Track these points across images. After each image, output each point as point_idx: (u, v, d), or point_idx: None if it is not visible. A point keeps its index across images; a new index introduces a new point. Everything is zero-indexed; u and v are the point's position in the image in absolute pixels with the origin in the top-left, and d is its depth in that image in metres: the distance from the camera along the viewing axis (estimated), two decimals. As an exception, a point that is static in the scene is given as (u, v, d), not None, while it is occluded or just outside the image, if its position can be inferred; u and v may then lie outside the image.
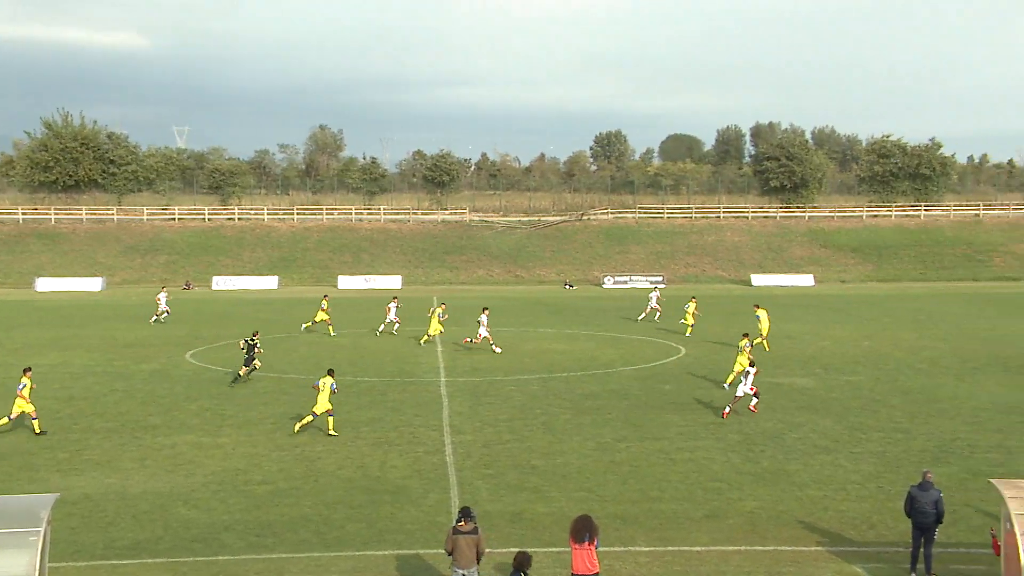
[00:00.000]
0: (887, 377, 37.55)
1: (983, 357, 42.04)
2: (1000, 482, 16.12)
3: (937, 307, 63.33)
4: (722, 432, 28.71)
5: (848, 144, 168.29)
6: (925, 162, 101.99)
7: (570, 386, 36.02)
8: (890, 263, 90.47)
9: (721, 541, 19.55)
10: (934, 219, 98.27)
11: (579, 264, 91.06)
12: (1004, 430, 28.58)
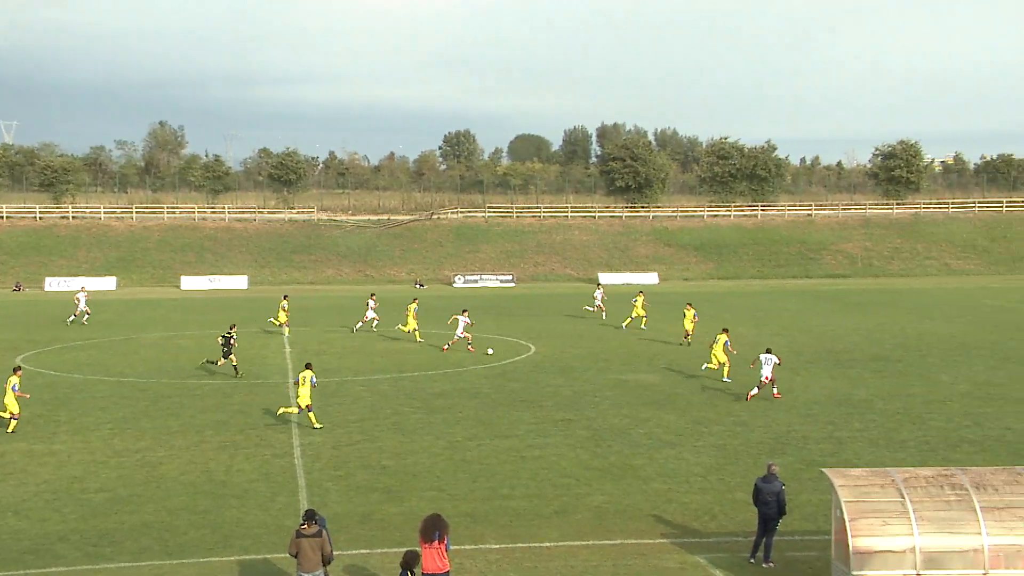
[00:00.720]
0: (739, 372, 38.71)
1: (816, 351, 43.92)
2: (831, 471, 16.87)
3: (773, 303, 65.83)
4: (571, 429, 29.14)
5: (689, 145, 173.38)
6: (761, 164, 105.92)
7: (421, 385, 35.94)
8: (730, 261, 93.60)
9: (570, 536, 19.84)
10: (770, 219, 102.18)
11: (429, 263, 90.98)
12: (835, 422, 29.94)
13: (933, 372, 38.23)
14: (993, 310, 60.26)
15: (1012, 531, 15.33)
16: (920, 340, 46.79)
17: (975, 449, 26.37)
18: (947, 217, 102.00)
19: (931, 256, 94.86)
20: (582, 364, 40.78)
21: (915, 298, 68.79)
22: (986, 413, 30.78)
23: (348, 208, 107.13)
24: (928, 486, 15.93)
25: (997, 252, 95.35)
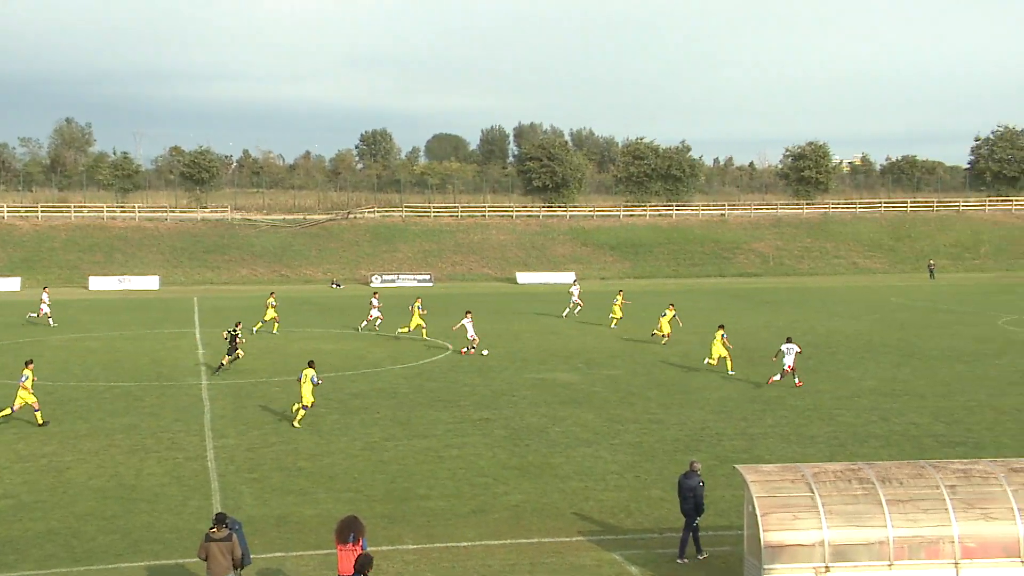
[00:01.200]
0: (643, 370, 39.24)
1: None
2: (744, 468, 17.15)
3: (688, 302, 66.69)
4: (489, 428, 29.17)
5: (606, 146, 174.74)
6: (676, 164, 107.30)
7: (338, 386, 35.63)
8: (645, 260, 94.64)
9: (487, 535, 19.86)
10: (684, 218, 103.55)
11: (346, 263, 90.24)
12: (748, 418, 30.47)
13: (842, 369, 39.13)
14: (898, 308, 61.92)
15: (916, 523, 15.77)
16: (829, 338, 47.87)
17: (881, 443, 27.06)
18: (855, 217, 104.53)
19: (839, 255, 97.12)
20: (500, 363, 40.86)
21: (824, 296, 70.34)
22: (892, 408, 31.61)
23: (263, 207, 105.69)
24: (836, 480, 16.29)
25: (902, 251, 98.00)
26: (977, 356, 41.49)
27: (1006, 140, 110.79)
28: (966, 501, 15.91)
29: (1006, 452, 25.20)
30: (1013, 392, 33.92)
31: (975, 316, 55.82)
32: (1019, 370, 38.19)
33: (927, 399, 33.02)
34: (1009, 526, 15.77)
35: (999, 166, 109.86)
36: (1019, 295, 69.28)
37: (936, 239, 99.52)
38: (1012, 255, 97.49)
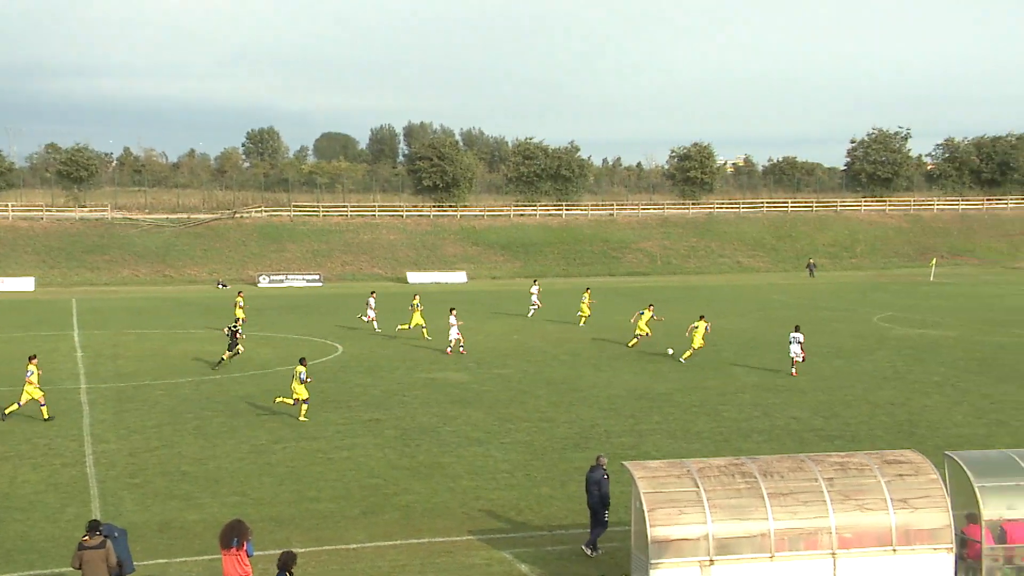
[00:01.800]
0: (534, 369, 39.50)
1: (619, 347, 45.23)
2: (631, 464, 17.40)
3: (578, 301, 67.29)
4: (379, 428, 28.99)
5: (496, 145, 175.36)
6: (565, 164, 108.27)
7: (224, 388, 34.95)
8: (536, 260, 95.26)
9: (377, 536, 19.73)
10: (574, 218, 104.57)
11: (233, 263, 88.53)
12: (636, 415, 30.94)
13: (727, 365, 40.02)
14: (780, 305, 63.61)
15: (795, 515, 16.23)
16: (715, 335, 48.83)
17: (764, 438, 27.78)
18: (738, 217, 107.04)
19: (724, 254, 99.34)
20: (391, 364, 40.64)
21: (710, 294, 71.84)
22: (774, 404, 32.48)
23: (145, 206, 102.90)
24: (720, 475, 16.64)
25: (783, 250, 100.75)
26: (854, 352, 42.91)
27: (880, 143, 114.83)
28: (843, 493, 16.44)
29: (880, 444, 26.13)
30: (887, 387, 35.19)
31: (852, 313, 57.72)
32: (892, 365, 39.64)
33: (807, 394, 34.02)
34: (882, 516, 16.35)
35: (873, 168, 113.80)
36: (892, 293, 71.91)
37: (815, 238, 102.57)
38: (886, 254, 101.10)
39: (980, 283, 79.10)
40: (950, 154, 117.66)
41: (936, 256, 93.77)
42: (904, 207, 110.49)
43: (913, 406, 31.85)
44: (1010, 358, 40.85)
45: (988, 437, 27.43)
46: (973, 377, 36.77)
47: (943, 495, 16.60)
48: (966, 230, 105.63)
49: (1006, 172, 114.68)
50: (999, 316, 52.77)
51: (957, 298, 66.30)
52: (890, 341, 46.33)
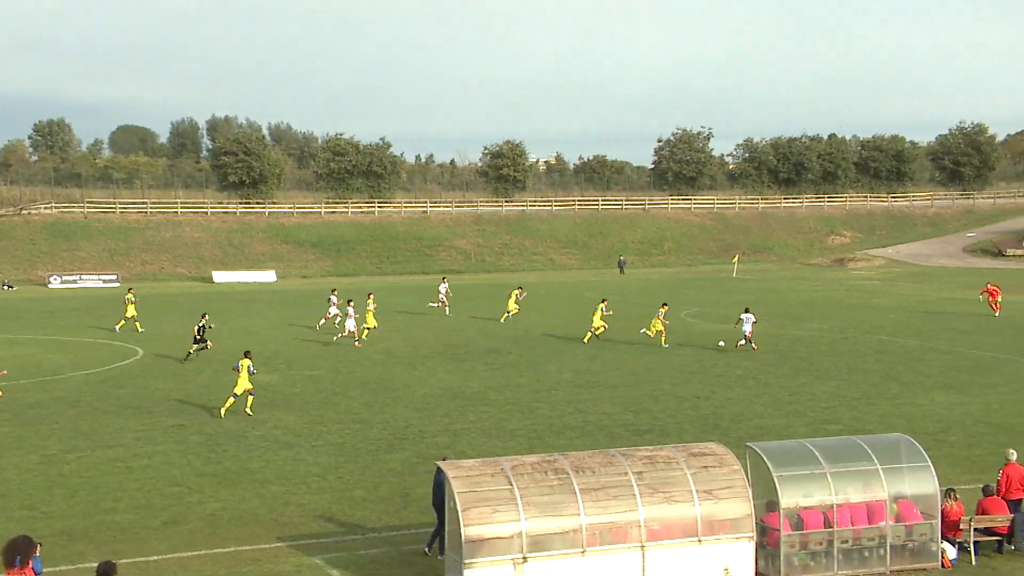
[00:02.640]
0: (346, 369, 39.08)
1: (433, 346, 45.32)
2: (444, 463, 17.44)
3: (392, 299, 67.05)
4: (183, 434, 28.04)
5: (305, 141, 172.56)
6: (377, 161, 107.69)
7: (11, 395, 33.01)
8: (348, 258, 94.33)
9: (180, 547, 19.07)
10: (387, 215, 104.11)
11: (19, 263, 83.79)
12: (451, 415, 31.05)
13: (540, 362, 40.69)
14: (592, 302, 65.10)
15: (606, 510, 16.65)
16: (529, 332, 49.67)
17: (576, 434, 28.38)
18: (551, 215, 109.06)
19: (537, 252, 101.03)
20: (196, 367, 39.39)
21: (528, 292, 72.81)
22: (586, 400, 33.23)
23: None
24: (534, 472, 16.89)
25: (595, 247, 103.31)
26: (662, 347, 44.38)
27: (684, 142, 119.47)
28: (651, 486, 16.97)
29: (687, 437, 27.12)
30: (694, 380, 36.59)
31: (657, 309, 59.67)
32: (699, 360, 41.24)
33: (618, 389, 34.98)
34: (689, 508, 16.97)
35: (679, 167, 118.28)
36: (698, 289, 74.84)
37: (625, 236, 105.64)
38: (692, 251, 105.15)
39: (778, 279, 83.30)
40: (750, 154, 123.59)
41: (738, 253, 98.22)
42: (708, 205, 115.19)
43: (718, 399, 33.22)
44: (805, 351, 43.17)
45: (787, 427, 28.88)
46: (772, 369, 38.66)
47: (745, 485, 17.37)
48: (765, 228, 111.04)
49: (800, 172, 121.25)
50: (795, 311, 55.70)
51: (757, 293, 69.57)
52: (697, 336, 48.16)
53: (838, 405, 32.02)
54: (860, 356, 41.55)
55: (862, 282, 78.84)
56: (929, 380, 36.14)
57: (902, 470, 18.33)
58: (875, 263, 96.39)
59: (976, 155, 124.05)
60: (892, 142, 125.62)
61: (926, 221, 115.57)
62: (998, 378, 36.38)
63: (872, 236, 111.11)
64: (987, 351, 42.39)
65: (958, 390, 34.22)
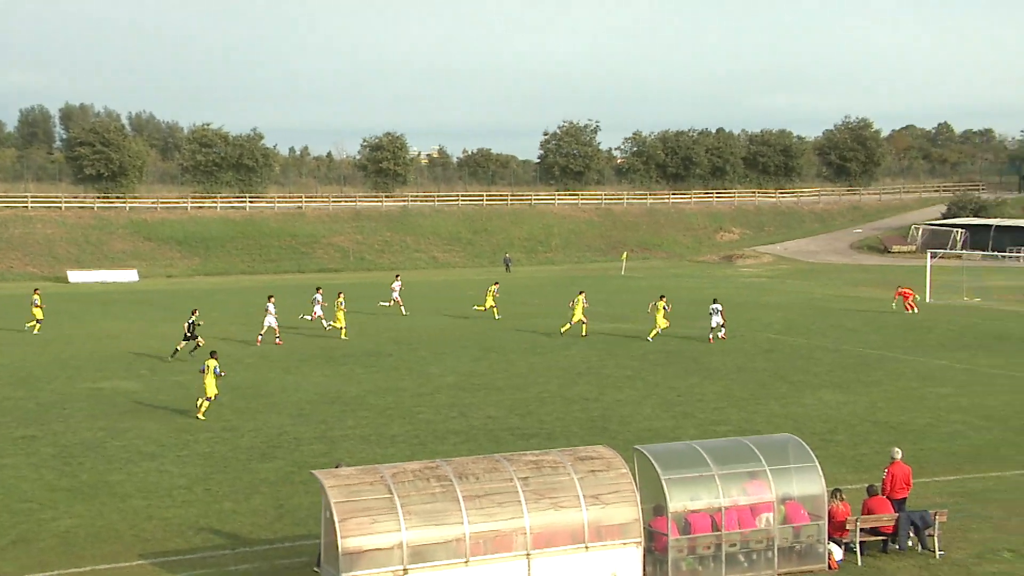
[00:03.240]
0: (214, 374, 38.32)
1: (308, 348, 44.81)
2: (321, 472, 17.27)
3: (265, 300, 66.01)
4: (34, 446, 27.12)
5: (169, 131, 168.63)
6: (248, 153, 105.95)
7: None
8: (218, 256, 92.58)
9: (31, 567, 18.45)
10: (259, 211, 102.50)
11: None
12: (327, 420, 30.74)
13: (423, 365, 40.60)
14: (477, 301, 65.28)
15: (491, 517, 16.71)
16: (411, 333, 49.52)
17: (460, 439, 28.41)
18: (433, 210, 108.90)
19: (420, 249, 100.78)
20: (47, 373, 38.16)
21: (406, 291, 72.54)
22: (470, 403, 33.29)
23: None
24: (415, 480, 16.85)
25: (479, 244, 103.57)
26: (550, 348, 44.77)
27: (571, 136, 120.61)
28: (537, 492, 17.10)
29: (575, 441, 27.42)
30: (581, 382, 36.99)
31: (547, 308, 60.18)
32: (586, 360, 41.71)
33: (504, 392, 35.13)
34: (575, 513, 17.16)
35: (566, 161, 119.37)
36: (586, 287, 75.38)
37: (511, 232, 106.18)
38: (579, 248, 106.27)
39: (667, 276, 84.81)
40: (638, 148, 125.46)
41: (627, 250, 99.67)
42: (596, 201, 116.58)
43: (606, 401, 33.64)
44: (694, 350, 44.06)
45: (676, 429, 29.44)
46: (661, 370, 39.34)
47: (632, 489, 17.64)
48: (654, 224, 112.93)
49: (689, 167, 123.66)
50: (684, 309, 56.66)
51: (647, 291, 70.63)
52: (585, 335, 48.65)
53: (727, 406, 32.76)
54: (749, 355, 42.59)
55: (751, 279, 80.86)
56: (817, 379, 37.27)
57: (790, 471, 18.86)
58: (763, 260, 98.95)
59: (862, 150, 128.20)
60: (780, 137, 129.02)
61: (814, 217, 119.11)
62: (883, 375, 37.73)
63: (760, 232, 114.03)
64: (872, 348, 43.93)
65: (845, 388, 35.37)
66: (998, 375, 37.56)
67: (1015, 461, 25.91)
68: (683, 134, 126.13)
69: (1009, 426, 29.64)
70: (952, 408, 32.12)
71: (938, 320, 52.84)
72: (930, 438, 28.30)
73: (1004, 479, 24.32)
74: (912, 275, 69.70)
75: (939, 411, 31.73)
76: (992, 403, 32.74)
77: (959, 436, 28.59)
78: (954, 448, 27.30)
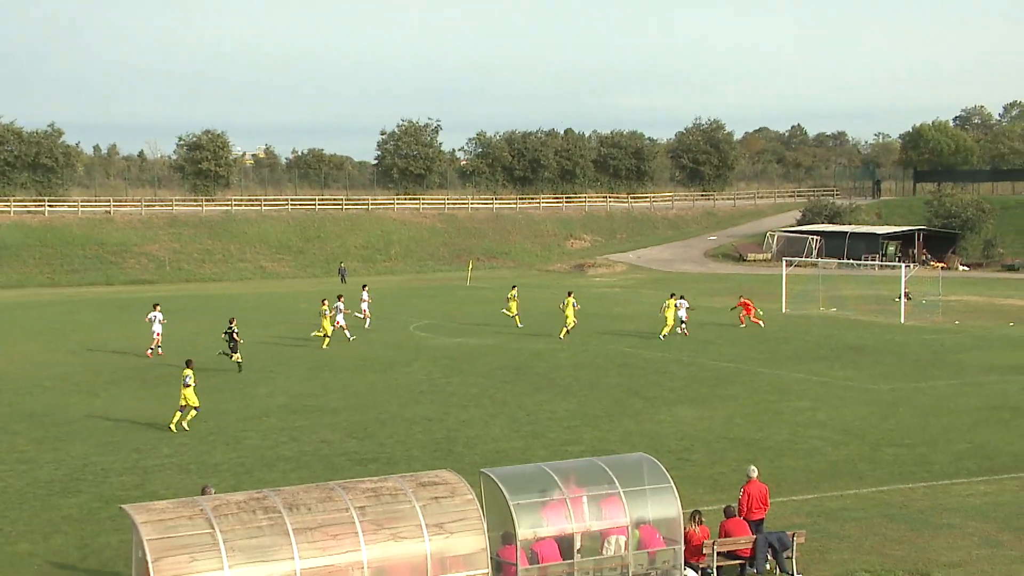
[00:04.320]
0: (7, 400, 37.00)
1: (119, 369, 43.52)
2: (131, 507, 16.73)
3: (68, 315, 63.90)
4: None
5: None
6: (46, 151, 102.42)
7: None
8: (12, 266, 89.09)
9: None
10: (60, 216, 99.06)
11: None
12: (141, 449, 29.88)
13: (250, 385, 39.89)
14: (309, 315, 64.51)
15: (325, 551, 16.47)
16: (240, 349, 48.54)
17: (292, 466, 28.00)
18: (260, 216, 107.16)
19: (245, 258, 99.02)
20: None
21: (230, 304, 71.13)
22: (303, 427, 32.86)
23: None
24: (240, 512, 16.50)
25: (312, 253, 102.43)
26: (389, 365, 44.57)
27: (410, 136, 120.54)
28: (376, 522, 16.95)
29: (417, 465, 27.33)
30: (424, 401, 36.94)
31: (387, 322, 59.89)
32: (429, 378, 41.69)
33: (340, 414, 34.81)
34: (417, 544, 17.07)
35: (405, 163, 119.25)
36: (428, 298, 75.69)
37: (346, 240, 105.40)
38: (421, 256, 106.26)
39: (517, 286, 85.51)
40: (482, 149, 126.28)
41: (472, 259, 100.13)
42: (438, 205, 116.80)
43: (451, 421, 33.67)
44: (544, 365, 44.54)
45: (525, 451, 29.68)
46: (510, 387, 39.62)
47: (479, 517, 17.66)
48: (501, 231, 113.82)
49: (537, 170, 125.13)
50: (533, 321, 57.29)
51: (494, 303, 71.13)
52: (427, 351, 48.67)
53: (580, 424, 33.21)
54: (602, 370, 43.29)
55: (603, 289, 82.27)
56: (672, 394, 38.14)
57: (644, 492, 19.21)
58: (616, 268, 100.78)
59: (715, 154, 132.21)
60: (631, 139, 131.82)
61: (667, 224, 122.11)
62: (739, 389, 38.88)
63: (612, 240, 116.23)
64: (728, 361, 45.23)
65: (701, 404, 36.30)
66: (854, 387, 39.15)
67: (872, 477, 27.04)
68: (530, 135, 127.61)
69: (866, 441, 30.91)
70: (809, 423, 33.31)
71: (794, 331, 54.78)
72: (788, 455, 29.28)
73: (861, 497, 25.33)
74: (768, 284, 72.16)
75: (796, 426, 32.87)
76: (849, 417, 34.11)
77: (816, 452, 29.66)
78: (812, 465, 28.29)
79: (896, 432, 31.96)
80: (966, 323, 57.38)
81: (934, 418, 33.79)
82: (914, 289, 66.25)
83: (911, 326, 56.24)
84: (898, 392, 38.18)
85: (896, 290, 63.10)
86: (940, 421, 33.36)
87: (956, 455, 29.20)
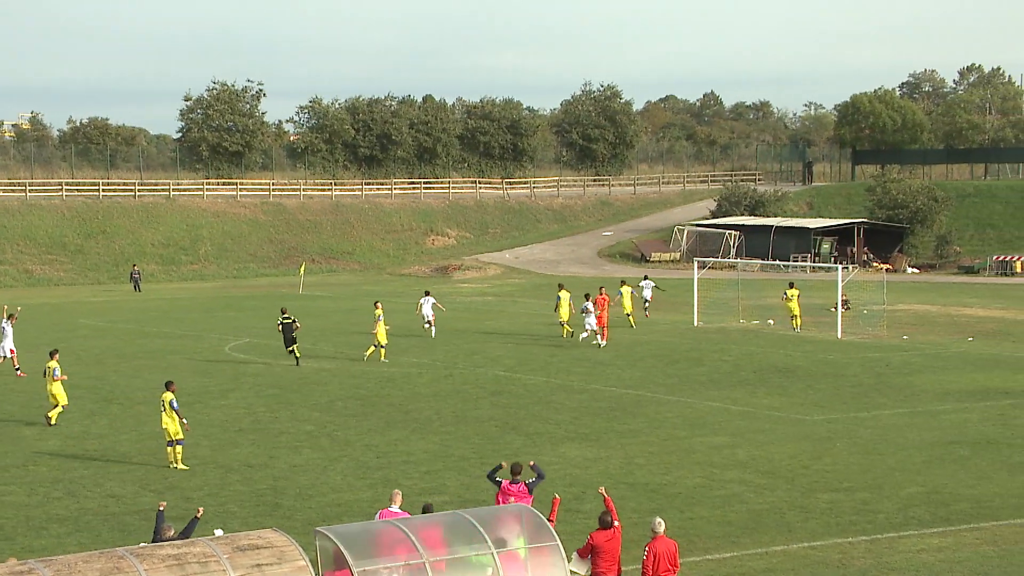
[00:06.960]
0: None
1: None
2: None
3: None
4: None
5: None
6: None
7: None
8: None
9: None
10: None
11: None
12: None
13: (12, 427, 39.14)
14: (92, 333, 63.34)
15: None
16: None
17: (69, 529, 27.54)
18: (24, 204, 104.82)
19: (5, 260, 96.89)
20: None
21: None
22: (84, 478, 32.29)
23: None
24: (1, 590, 16.16)
25: (94, 253, 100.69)
26: (199, 395, 43.97)
27: (224, 103, 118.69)
28: (181, 598, 16.75)
29: (234, 524, 27.07)
30: (244, 442, 36.60)
31: (195, 341, 59.20)
32: (251, 413, 41.32)
33: (133, 459, 34.39)
34: (235, 623, 16.92)
35: (218, 137, 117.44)
36: (248, 310, 74.94)
37: (141, 236, 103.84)
38: (239, 258, 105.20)
39: (362, 295, 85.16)
40: (317, 121, 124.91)
41: (306, 260, 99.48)
42: (262, 192, 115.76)
43: (278, 467, 33.43)
44: (399, 395, 44.51)
45: (374, 502, 29.52)
46: (355, 422, 39.50)
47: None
48: (343, 224, 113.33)
49: (387, 148, 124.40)
50: (397, 342, 57.09)
51: (334, 315, 70.83)
52: (247, 377, 48.24)
53: (442, 468, 33.27)
54: (471, 400, 43.43)
55: (472, 298, 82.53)
56: (559, 429, 38.44)
57: (523, 553, 19.30)
58: (488, 272, 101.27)
59: (610, 128, 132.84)
60: (506, 108, 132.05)
61: (552, 216, 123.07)
62: (642, 423, 39.37)
63: (484, 236, 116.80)
64: (629, 388, 45.76)
65: (595, 441, 36.65)
66: (781, 418, 39.96)
67: (803, 530, 27.58)
68: (378, 103, 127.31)
69: (796, 484, 31.53)
70: (727, 463, 33.89)
71: (708, 349, 55.66)
72: (701, 503, 29.74)
73: (790, 554, 25.82)
74: (679, 288, 73.09)
75: (711, 467, 33.40)
76: (775, 454, 34.77)
77: (736, 499, 30.18)
78: (730, 515, 28.78)
79: (832, 474, 32.68)
80: (916, 338, 58.94)
81: (878, 456, 34.64)
82: (853, 296, 67.73)
83: (850, 342, 57.61)
84: (835, 424, 39.07)
85: (832, 298, 64.29)
86: (885, 460, 34.21)
87: (904, 501, 29.95)
